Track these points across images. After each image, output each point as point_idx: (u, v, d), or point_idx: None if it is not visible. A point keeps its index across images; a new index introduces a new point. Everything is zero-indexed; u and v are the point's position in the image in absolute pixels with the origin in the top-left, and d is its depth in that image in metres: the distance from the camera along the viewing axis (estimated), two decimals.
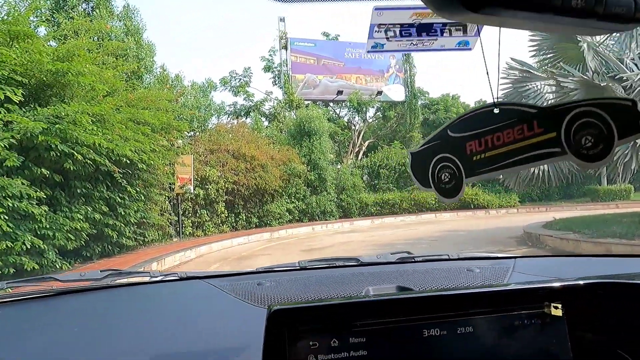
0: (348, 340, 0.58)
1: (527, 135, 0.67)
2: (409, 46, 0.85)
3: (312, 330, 0.57)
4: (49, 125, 6.26)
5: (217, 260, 9.01)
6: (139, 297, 1.09)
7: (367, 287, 0.90)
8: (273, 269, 1.26)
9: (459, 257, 1.33)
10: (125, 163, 7.87)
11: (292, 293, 1.01)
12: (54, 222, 6.61)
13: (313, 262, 1.29)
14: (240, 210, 14.16)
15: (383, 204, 17.73)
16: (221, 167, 13.48)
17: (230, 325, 0.91)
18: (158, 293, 1.12)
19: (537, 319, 0.65)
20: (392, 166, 19.04)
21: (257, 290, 1.03)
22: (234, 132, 15.51)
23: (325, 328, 0.58)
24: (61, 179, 6.94)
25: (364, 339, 0.58)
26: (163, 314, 0.99)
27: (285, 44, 21.80)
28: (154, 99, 9.72)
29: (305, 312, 0.58)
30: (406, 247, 8.53)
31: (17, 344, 0.86)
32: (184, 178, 11.78)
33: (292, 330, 0.57)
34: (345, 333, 0.58)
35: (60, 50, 7.31)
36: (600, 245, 7.05)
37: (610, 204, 15.94)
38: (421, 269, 1.20)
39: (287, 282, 1.11)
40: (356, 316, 0.59)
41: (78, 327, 0.92)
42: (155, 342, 0.83)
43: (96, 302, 1.06)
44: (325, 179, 16.61)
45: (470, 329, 0.62)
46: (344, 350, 0.57)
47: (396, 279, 1.07)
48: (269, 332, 0.56)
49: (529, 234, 9.18)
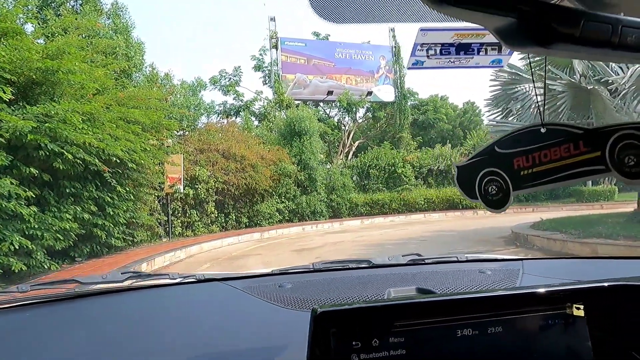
0: (388, 340, 0.61)
1: (573, 153, 0.72)
2: (447, 63, 0.90)
3: (355, 331, 0.60)
4: (39, 124, 6.16)
5: (208, 261, 8.96)
6: (164, 299, 1.10)
7: (387, 289, 0.93)
8: (288, 271, 1.28)
9: (467, 259, 1.36)
10: (115, 162, 7.79)
11: (314, 294, 1.03)
12: (42, 222, 6.50)
13: (327, 264, 1.32)
14: (230, 210, 14.11)
15: (373, 204, 17.83)
16: (211, 167, 13.41)
17: (262, 326, 0.93)
18: (182, 295, 1.14)
19: (560, 319, 0.68)
20: (381, 166, 19.14)
21: (279, 292, 1.05)
22: (224, 132, 15.44)
23: (367, 329, 0.60)
24: (50, 179, 6.84)
25: (402, 339, 0.61)
26: (192, 315, 1.00)
27: (275, 43, 21.77)
28: (144, 98, 9.63)
29: (349, 313, 0.61)
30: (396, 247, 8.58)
31: (42, 346, 0.87)
32: (174, 178, 11.69)
33: (337, 331, 0.59)
34: (385, 333, 0.61)
35: (49, 47, 7.19)
36: (587, 246, 7.20)
37: (595, 204, 16.27)
38: (433, 271, 1.23)
39: (306, 284, 1.13)
40: (396, 317, 0.62)
41: (103, 329, 0.93)
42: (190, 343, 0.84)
43: (120, 304, 1.07)
44: (316, 179, 16.64)
45: (499, 328, 0.65)
46: (384, 349, 0.60)
47: (411, 281, 1.10)
48: (315, 332, 0.59)
49: (517, 234, 9.34)
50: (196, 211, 13.05)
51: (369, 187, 18.90)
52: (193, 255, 9.80)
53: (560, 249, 7.68)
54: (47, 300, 1.03)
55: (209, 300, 1.10)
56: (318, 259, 9.34)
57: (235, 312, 1.02)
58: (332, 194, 17.32)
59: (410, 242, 10.02)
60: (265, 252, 9.86)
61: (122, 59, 11.73)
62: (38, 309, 1.01)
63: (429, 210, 17.61)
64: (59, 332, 0.93)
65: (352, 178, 18.81)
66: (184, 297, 1.13)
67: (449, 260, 1.36)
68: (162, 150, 10.24)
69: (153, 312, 1.04)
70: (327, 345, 0.59)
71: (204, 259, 9.30)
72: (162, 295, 1.13)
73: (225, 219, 13.99)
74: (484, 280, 1.11)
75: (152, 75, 14.61)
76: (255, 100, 23.00)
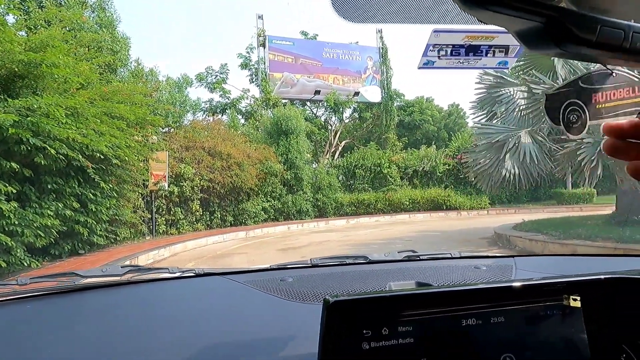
0: (397, 329, 0.62)
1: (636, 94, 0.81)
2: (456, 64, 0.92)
3: (366, 320, 0.62)
4: (20, 118, 6.02)
5: (192, 259, 8.88)
6: (164, 293, 1.10)
7: (388, 283, 0.95)
8: (286, 266, 1.29)
9: (460, 256, 1.40)
10: (99, 158, 7.65)
11: (316, 287, 1.04)
12: (22, 218, 6.35)
13: (324, 260, 1.34)
14: (216, 208, 14.01)
15: (358, 204, 17.92)
16: (196, 165, 13.29)
17: (268, 318, 0.94)
18: (183, 288, 1.14)
19: (558, 310, 0.72)
20: (367, 167, 19.25)
21: (283, 286, 1.06)
22: (210, 129, 15.30)
23: (377, 318, 0.62)
24: (31, 174, 6.69)
25: (411, 328, 0.63)
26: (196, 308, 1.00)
27: (263, 41, 21.67)
28: (128, 93, 9.47)
29: (360, 303, 0.63)
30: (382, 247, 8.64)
31: (42, 339, 0.86)
32: (158, 175, 11.54)
33: (349, 319, 0.61)
34: (394, 322, 0.63)
35: (32, 40, 7.03)
36: (567, 247, 7.38)
37: (575, 206, 16.67)
38: (429, 267, 1.26)
39: (307, 279, 1.15)
40: (405, 307, 0.64)
41: (103, 322, 0.93)
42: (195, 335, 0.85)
43: (119, 297, 1.06)
44: (302, 179, 16.64)
45: (501, 318, 0.68)
46: (393, 338, 0.62)
47: (409, 276, 1.12)
48: (328, 321, 0.60)
49: (499, 235, 9.50)
50: (181, 209, 12.92)
51: (355, 187, 18.99)
52: (177, 254, 9.70)
53: (542, 250, 7.85)
54: (46, 293, 1.02)
55: (212, 293, 1.11)
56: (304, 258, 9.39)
57: (239, 305, 1.02)
58: (318, 193, 17.35)
59: (396, 242, 10.11)
60: (251, 250, 9.83)
61: (107, 54, 11.52)
62: (38, 301, 1.00)
63: (413, 210, 17.79)
64: (59, 325, 0.92)
65: (338, 178, 18.87)
66: (185, 291, 1.13)
67: (443, 257, 1.39)
68: (147, 146, 10.10)
69: (154, 305, 1.04)
70: (339, 333, 0.60)
71: (188, 257, 9.21)
72: (162, 289, 1.13)
73: (211, 217, 13.89)
74: (479, 275, 1.14)
75: (137, 71, 14.38)
76: (241, 99, 22.89)
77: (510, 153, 8.41)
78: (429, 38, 0.87)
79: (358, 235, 11.75)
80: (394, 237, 10.88)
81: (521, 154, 8.28)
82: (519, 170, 8.39)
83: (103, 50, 11.65)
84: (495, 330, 0.68)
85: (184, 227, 12.94)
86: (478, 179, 9.34)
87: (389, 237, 11.09)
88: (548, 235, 8.34)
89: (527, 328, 0.70)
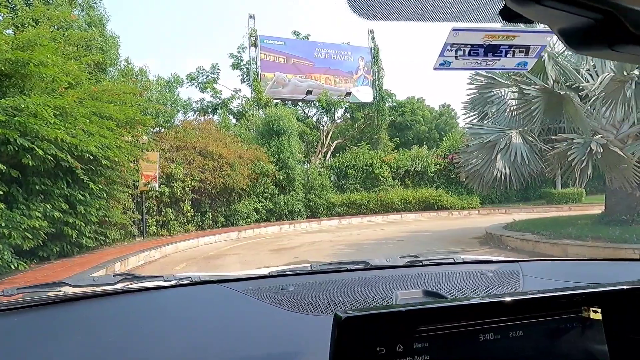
0: (412, 345, 0.59)
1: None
2: (474, 64, 0.89)
3: (379, 336, 0.58)
4: (7, 118, 5.90)
5: (184, 260, 8.79)
6: (160, 302, 1.05)
7: (394, 292, 0.92)
8: (285, 272, 1.25)
9: (463, 261, 1.37)
10: (88, 159, 7.53)
11: (319, 297, 1.00)
12: (10, 220, 6.23)
13: (324, 266, 1.30)
14: (207, 209, 13.91)
15: (350, 204, 17.92)
16: (187, 165, 13.18)
17: (269, 330, 0.89)
18: (179, 297, 1.09)
19: (578, 322, 0.69)
20: (359, 167, 19.26)
21: (284, 295, 1.02)
22: (201, 130, 15.18)
23: (391, 334, 0.59)
24: (19, 175, 6.56)
25: (427, 344, 0.60)
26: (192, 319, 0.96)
27: (254, 41, 21.56)
28: (118, 92, 9.34)
29: (373, 319, 0.59)
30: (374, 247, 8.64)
31: (30, 352, 0.82)
32: (149, 175, 11.41)
33: (361, 336, 0.57)
34: (409, 338, 0.59)
35: (20, 38, 6.89)
36: (557, 246, 7.44)
37: (564, 206, 16.85)
38: (433, 273, 1.23)
39: (308, 287, 1.11)
40: (420, 322, 0.60)
41: (95, 334, 0.88)
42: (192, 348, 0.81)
43: (113, 308, 1.01)
44: (294, 179, 16.59)
45: (520, 332, 0.65)
46: (408, 355, 0.59)
47: (414, 283, 1.09)
48: (338, 338, 0.56)
49: (490, 234, 9.55)
50: (172, 210, 12.79)
51: (347, 187, 18.99)
52: (168, 255, 9.59)
53: (532, 249, 7.90)
54: (35, 305, 0.97)
55: (209, 303, 1.06)
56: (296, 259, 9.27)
57: (239, 315, 0.98)
58: (310, 193, 17.31)
59: (388, 242, 10.11)
60: (243, 251, 9.75)
61: (97, 53, 11.36)
62: (26, 313, 0.95)
63: (405, 210, 17.84)
64: (48, 337, 0.88)
65: (330, 178, 18.86)
66: (181, 300, 1.08)
67: (446, 262, 1.36)
68: (137, 147, 9.97)
69: (148, 315, 0.99)
70: (352, 351, 0.57)
71: (179, 258, 9.11)
72: (157, 298, 1.08)
73: (202, 218, 13.78)
74: (486, 282, 1.11)
75: (127, 70, 14.21)
76: (233, 99, 22.75)
77: (502, 153, 8.45)
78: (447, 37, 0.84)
79: (350, 236, 11.74)
80: (386, 237, 10.89)
81: (512, 154, 8.32)
82: (509, 170, 8.43)
83: (92, 49, 11.49)
84: (515, 345, 0.65)
85: (175, 228, 12.82)
86: (469, 179, 9.37)
87: (381, 237, 11.10)
88: (539, 234, 8.40)
89: (547, 342, 0.67)
